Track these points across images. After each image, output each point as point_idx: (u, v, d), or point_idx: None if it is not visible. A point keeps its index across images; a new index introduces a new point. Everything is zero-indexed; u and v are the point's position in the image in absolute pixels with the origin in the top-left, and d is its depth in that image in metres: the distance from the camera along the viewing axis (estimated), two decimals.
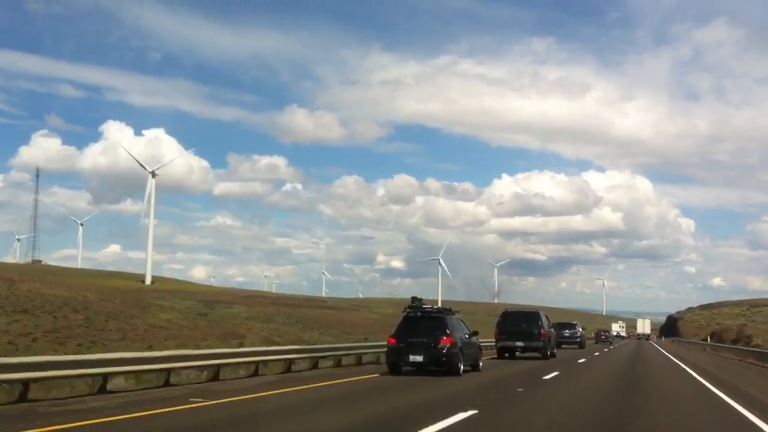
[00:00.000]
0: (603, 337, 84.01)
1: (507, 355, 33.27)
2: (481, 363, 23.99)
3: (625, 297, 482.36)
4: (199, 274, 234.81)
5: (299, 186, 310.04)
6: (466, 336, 22.89)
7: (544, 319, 34.97)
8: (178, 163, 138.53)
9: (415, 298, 23.82)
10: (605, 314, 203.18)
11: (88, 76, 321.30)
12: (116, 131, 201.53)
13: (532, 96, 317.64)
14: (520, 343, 33.06)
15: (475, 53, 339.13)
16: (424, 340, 21.00)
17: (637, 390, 17.90)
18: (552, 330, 37.44)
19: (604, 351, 51.93)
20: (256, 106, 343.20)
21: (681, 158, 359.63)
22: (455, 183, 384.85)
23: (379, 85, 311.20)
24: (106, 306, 39.19)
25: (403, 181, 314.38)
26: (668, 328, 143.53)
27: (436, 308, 24.86)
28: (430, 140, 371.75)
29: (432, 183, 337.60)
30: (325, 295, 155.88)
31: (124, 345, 28.78)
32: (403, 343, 21.04)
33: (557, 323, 49.66)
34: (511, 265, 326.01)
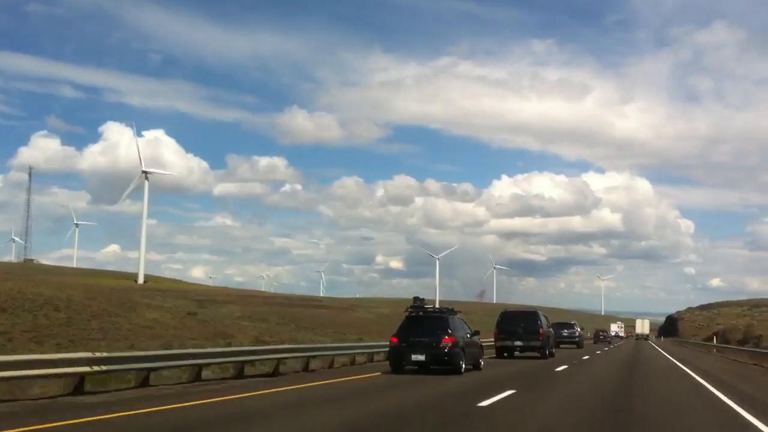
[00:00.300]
0: (602, 337, 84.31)
1: (506, 354, 33.56)
2: (482, 362, 24.43)
3: (624, 297, 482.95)
4: (198, 274, 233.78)
5: (299, 187, 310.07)
6: (467, 335, 23.23)
7: (542, 318, 35.30)
8: (178, 164, 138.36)
9: (417, 298, 24.10)
10: (604, 314, 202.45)
11: (88, 78, 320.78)
12: (116, 132, 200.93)
13: (532, 97, 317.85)
14: (519, 343, 33.32)
15: (475, 55, 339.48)
16: (426, 339, 21.30)
17: (639, 396, 16.69)
18: (551, 330, 37.81)
19: (604, 350, 51.70)
20: (256, 107, 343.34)
21: (681, 159, 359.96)
22: (455, 184, 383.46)
23: (379, 86, 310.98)
24: (91, 305, 37.78)
25: (402, 181, 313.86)
26: (667, 329, 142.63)
27: (438, 308, 25.03)
28: (429, 141, 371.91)
29: (431, 184, 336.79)
30: (323, 295, 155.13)
31: (105, 344, 27.46)
32: (406, 343, 21.40)
33: (556, 323, 50.22)
34: (511, 265, 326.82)
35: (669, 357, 41.01)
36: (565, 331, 54.65)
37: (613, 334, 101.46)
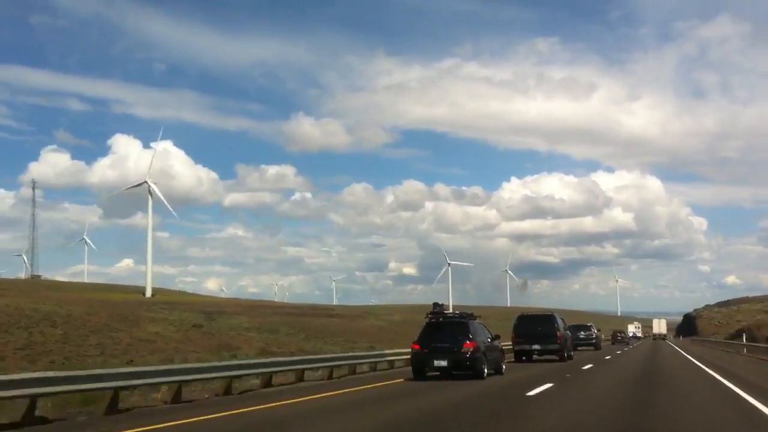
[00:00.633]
0: (619, 338, 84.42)
1: (524, 358, 33.38)
2: (504, 366, 24.44)
3: (639, 297, 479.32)
4: (212, 286, 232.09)
5: (308, 195, 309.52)
6: (488, 340, 23.30)
7: (559, 321, 35.00)
8: (187, 175, 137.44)
9: (436, 304, 24.22)
10: (620, 315, 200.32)
11: (94, 89, 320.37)
12: (124, 144, 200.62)
13: (538, 97, 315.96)
14: (536, 346, 33.12)
15: (480, 55, 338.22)
16: (448, 345, 21.43)
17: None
18: (567, 332, 37.53)
19: (624, 350, 51.30)
20: (262, 115, 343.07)
21: (690, 156, 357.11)
22: (464, 187, 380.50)
23: (384, 90, 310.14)
24: (91, 320, 36.62)
25: (411, 186, 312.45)
26: (686, 327, 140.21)
27: (458, 313, 24.96)
28: (437, 145, 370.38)
29: (441, 188, 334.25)
30: (336, 304, 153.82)
31: (101, 361, 26.17)
32: (427, 349, 21.56)
33: (572, 325, 49.69)
34: (524, 268, 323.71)
35: (694, 360, 39.13)
36: (582, 333, 54.44)
37: (631, 334, 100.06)
